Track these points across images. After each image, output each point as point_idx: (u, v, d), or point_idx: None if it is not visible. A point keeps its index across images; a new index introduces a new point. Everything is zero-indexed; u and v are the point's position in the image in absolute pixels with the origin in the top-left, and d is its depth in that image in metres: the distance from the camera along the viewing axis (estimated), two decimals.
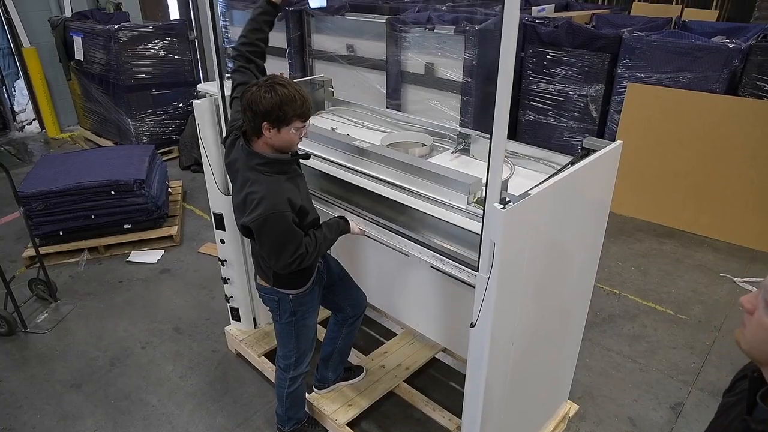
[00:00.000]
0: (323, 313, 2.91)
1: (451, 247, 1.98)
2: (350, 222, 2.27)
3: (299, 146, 2.15)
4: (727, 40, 4.60)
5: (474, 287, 1.74)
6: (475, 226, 1.82)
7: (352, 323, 2.75)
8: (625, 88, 4.86)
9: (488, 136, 2.44)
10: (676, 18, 5.98)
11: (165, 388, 3.17)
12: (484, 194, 1.85)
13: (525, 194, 1.63)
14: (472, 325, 1.79)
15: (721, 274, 4.23)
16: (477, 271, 1.71)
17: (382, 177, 2.20)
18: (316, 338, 2.57)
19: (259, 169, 2.02)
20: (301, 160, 2.23)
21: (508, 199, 1.57)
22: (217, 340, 3.53)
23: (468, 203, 1.91)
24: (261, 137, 2.00)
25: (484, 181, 1.90)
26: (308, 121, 2.04)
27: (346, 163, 2.36)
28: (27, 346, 3.51)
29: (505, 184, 1.65)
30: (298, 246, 2.05)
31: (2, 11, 6.84)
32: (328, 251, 2.56)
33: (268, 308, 2.43)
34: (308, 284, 2.34)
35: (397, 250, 2.19)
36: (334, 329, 2.77)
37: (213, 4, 2.42)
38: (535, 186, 1.69)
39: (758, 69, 4.36)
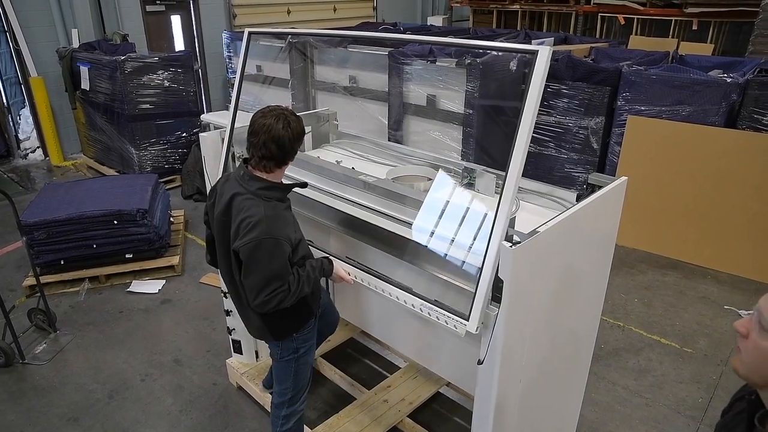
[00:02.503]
0: None
1: (457, 283, 1.97)
2: (335, 264, 2.23)
3: (293, 176, 2.21)
4: (725, 75, 4.68)
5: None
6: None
7: (323, 340, 2.75)
8: (626, 120, 4.92)
9: (492, 170, 2.47)
10: (673, 52, 6.09)
11: (164, 421, 3.11)
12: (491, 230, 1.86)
13: (533, 232, 1.63)
14: (480, 363, 1.77)
15: (725, 307, 4.21)
16: (467, 320, 1.71)
17: (387, 211, 2.21)
18: (312, 375, 2.53)
19: (260, 194, 2.02)
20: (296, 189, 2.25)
21: (516, 238, 1.57)
22: (218, 373, 3.48)
23: (475, 239, 1.91)
24: (283, 168, 2.05)
25: (491, 216, 1.91)
26: None
27: (352, 197, 2.37)
28: (24, 378, 3.46)
29: (512, 221, 1.66)
30: (283, 282, 1.99)
31: (12, 42, 6.97)
32: None
33: (269, 346, 2.39)
34: (312, 321, 2.31)
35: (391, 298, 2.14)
36: None
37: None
38: (543, 224, 1.69)
39: (756, 102, 4.43)
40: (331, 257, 2.28)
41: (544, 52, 1.64)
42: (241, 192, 2.03)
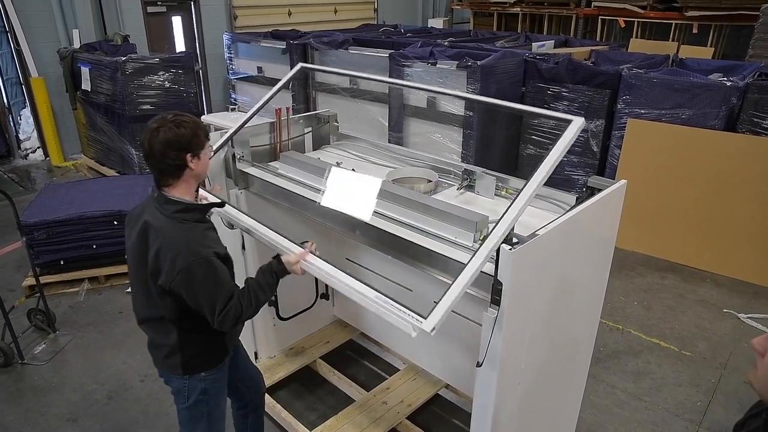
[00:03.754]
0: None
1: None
2: (284, 258, 2.04)
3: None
4: (725, 78, 4.69)
5: (480, 324, 1.73)
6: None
7: (255, 410, 2.54)
8: (625, 123, 4.93)
9: (492, 172, 2.47)
10: (673, 55, 6.10)
11: (163, 422, 3.11)
12: (489, 232, 1.86)
13: (533, 234, 1.63)
14: (479, 365, 1.77)
15: (724, 310, 4.21)
16: (425, 318, 1.60)
17: (387, 213, 2.21)
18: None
19: (176, 217, 1.89)
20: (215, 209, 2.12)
21: (515, 240, 1.57)
22: None
23: (474, 241, 1.91)
24: (183, 175, 1.90)
25: (491, 218, 1.91)
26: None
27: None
28: (23, 378, 3.46)
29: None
30: (231, 296, 1.88)
31: (13, 42, 6.98)
32: None
33: (171, 390, 2.17)
34: (225, 360, 2.16)
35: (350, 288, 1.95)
36: (242, 427, 2.57)
37: None
38: (543, 226, 1.69)
39: (755, 106, 4.44)
40: (278, 253, 2.10)
41: (577, 122, 1.90)
42: (157, 217, 1.90)
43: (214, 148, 2.59)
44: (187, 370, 2.07)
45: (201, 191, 2.16)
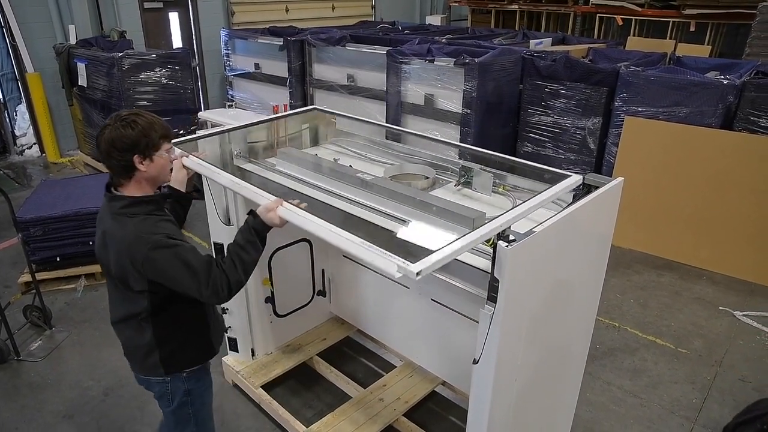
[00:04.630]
0: None
1: (454, 283, 1.97)
2: (259, 209, 1.91)
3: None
4: (722, 76, 4.69)
5: (477, 321, 1.73)
6: (477, 262, 1.83)
7: None
8: (623, 121, 4.93)
9: (489, 169, 2.47)
10: (670, 53, 6.10)
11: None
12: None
13: (530, 232, 1.63)
14: (475, 362, 1.78)
15: (720, 308, 4.22)
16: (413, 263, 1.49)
17: (384, 210, 2.21)
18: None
19: (123, 212, 1.83)
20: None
21: (512, 237, 1.58)
22: (214, 371, 3.41)
23: None
24: (134, 176, 1.86)
25: (488, 215, 1.91)
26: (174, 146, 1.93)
27: (349, 195, 2.36)
28: (19, 375, 3.46)
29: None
30: (208, 267, 1.79)
31: (9, 38, 6.94)
32: None
33: (155, 395, 2.11)
34: (209, 363, 2.11)
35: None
36: None
37: None
38: (539, 224, 1.69)
39: (752, 104, 4.44)
40: (252, 209, 1.96)
41: (573, 179, 2.11)
42: (107, 220, 1.87)
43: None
44: (169, 369, 2.01)
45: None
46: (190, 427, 2.14)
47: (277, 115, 2.98)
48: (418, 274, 1.46)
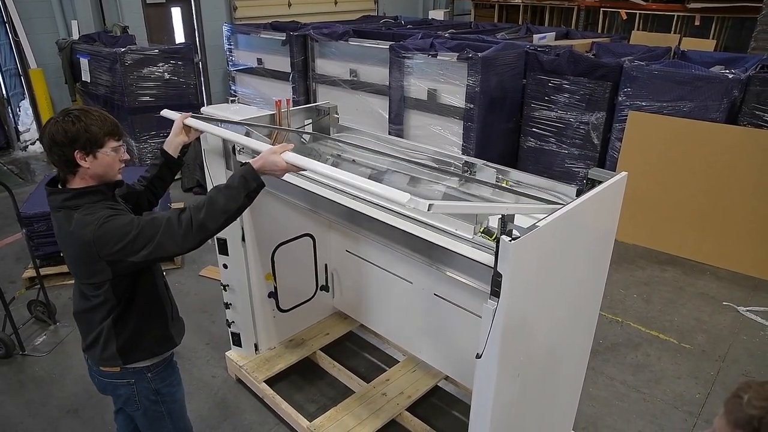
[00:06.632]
0: None
1: (457, 277, 1.97)
2: (263, 153, 1.81)
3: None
4: (727, 71, 4.67)
5: (480, 316, 1.73)
6: (480, 256, 1.82)
7: None
8: (626, 116, 4.91)
9: (492, 165, 2.46)
10: (675, 47, 6.06)
11: None
12: (489, 224, 1.86)
13: (533, 226, 1.63)
14: (478, 357, 1.77)
15: (723, 303, 4.21)
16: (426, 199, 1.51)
17: (387, 205, 2.20)
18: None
19: (66, 205, 1.78)
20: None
21: (515, 232, 1.57)
22: (217, 365, 3.49)
23: (474, 233, 1.91)
24: (77, 172, 1.80)
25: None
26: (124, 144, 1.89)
27: (352, 191, 2.36)
28: (24, 370, 3.47)
29: (511, 216, 1.65)
30: (167, 216, 1.73)
31: (11, 33, 6.95)
32: None
33: (120, 401, 2.03)
34: (171, 355, 2.04)
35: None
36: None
37: None
38: (543, 218, 1.69)
39: (757, 99, 4.42)
40: (249, 161, 1.85)
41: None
42: (53, 214, 1.83)
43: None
44: (127, 360, 1.94)
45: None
46: (167, 426, 2.09)
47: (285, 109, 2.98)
48: (429, 207, 1.50)
